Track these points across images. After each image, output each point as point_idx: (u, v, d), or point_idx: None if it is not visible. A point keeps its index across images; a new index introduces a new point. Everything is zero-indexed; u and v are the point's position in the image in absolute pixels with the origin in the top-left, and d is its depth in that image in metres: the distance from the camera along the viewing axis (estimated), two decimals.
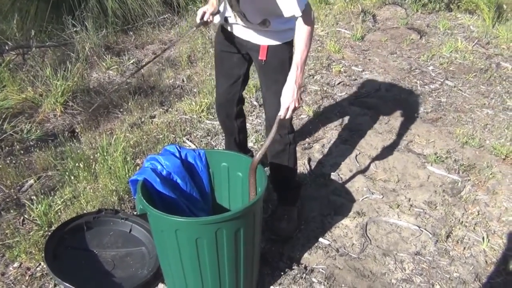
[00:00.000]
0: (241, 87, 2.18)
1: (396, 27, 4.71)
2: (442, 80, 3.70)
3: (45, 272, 1.98)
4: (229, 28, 2.03)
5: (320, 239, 2.20)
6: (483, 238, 2.23)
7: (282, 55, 1.93)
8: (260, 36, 1.93)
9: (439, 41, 4.36)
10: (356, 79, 3.70)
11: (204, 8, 2.04)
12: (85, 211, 2.24)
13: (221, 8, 2.02)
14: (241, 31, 1.98)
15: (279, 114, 1.77)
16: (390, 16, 4.98)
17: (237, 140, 2.36)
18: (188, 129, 3.03)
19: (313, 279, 1.99)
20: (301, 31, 1.74)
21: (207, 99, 3.29)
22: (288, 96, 1.75)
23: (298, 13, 1.68)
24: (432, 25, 4.76)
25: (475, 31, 4.58)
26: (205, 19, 2.03)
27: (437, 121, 3.15)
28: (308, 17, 1.73)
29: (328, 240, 2.20)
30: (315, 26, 4.61)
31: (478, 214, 2.38)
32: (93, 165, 2.53)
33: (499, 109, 3.28)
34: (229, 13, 1.95)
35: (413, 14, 5.02)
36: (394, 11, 5.08)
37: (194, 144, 2.89)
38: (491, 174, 2.63)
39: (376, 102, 3.35)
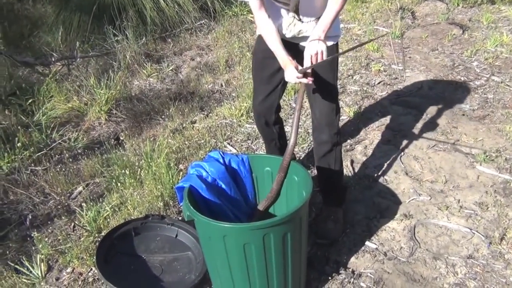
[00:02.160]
0: (280, 94, 2.17)
1: (436, 23, 4.57)
2: (488, 75, 3.56)
3: (97, 277, 2.03)
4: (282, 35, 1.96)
5: (367, 243, 2.16)
6: None
7: (330, 54, 1.90)
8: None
9: (482, 36, 4.20)
10: (396, 78, 3.62)
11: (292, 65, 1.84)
12: (132, 217, 2.29)
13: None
14: (294, 36, 1.96)
15: (314, 56, 1.77)
16: (430, 12, 4.84)
17: (278, 145, 2.34)
18: (229, 133, 3.05)
19: (362, 284, 1.95)
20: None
21: (246, 103, 3.30)
22: (316, 45, 1.77)
23: None
24: (475, 19, 4.59)
25: None
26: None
27: (484, 119, 3.03)
28: None
29: (375, 244, 2.16)
30: (352, 25, 4.54)
31: None
32: (138, 171, 2.59)
33: None
34: (285, 19, 1.93)
35: (454, 8, 4.86)
36: (433, 6, 4.93)
37: (235, 149, 2.90)
38: None
39: (419, 101, 3.26)
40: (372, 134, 2.95)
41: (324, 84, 1.96)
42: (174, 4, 4.64)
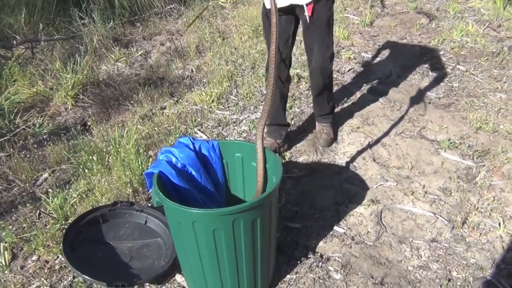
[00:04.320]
0: (291, 47, 2.49)
1: (405, 12, 4.64)
2: (453, 64, 3.65)
3: (64, 264, 2.00)
4: None
5: (335, 228, 2.20)
6: (499, 224, 2.21)
7: (326, 10, 2.27)
8: None
9: (449, 25, 4.30)
10: (366, 66, 3.66)
11: None
12: (100, 204, 2.26)
13: None
14: None
15: None
16: (399, 1, 4.91)
17: (282, 106, 2.66)
18: (199, 119, 3.03)
19: (330, 268, 1.99)
20: None
21: (217, 89, 3.28)
22: None
23: None
24: (442, 8, 4.69)
25: (486, 14, 4.51)
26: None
27: (449, 107, 3.12)
28: None
29: (343, 229, 2.20)
30: None
31: (494, 199, 2.36)
32: (106, 158, 2.55)
33: None
34: None
35: None
36: None
37: (206, 135, 2.88)
38: (506, 159, 2.60)
39: (387, 89, 3.32)
40: (342, 121, 2.99)
41: (321, 37, 2.37)
42: None
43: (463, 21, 4.33)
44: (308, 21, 2.29)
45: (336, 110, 3.08)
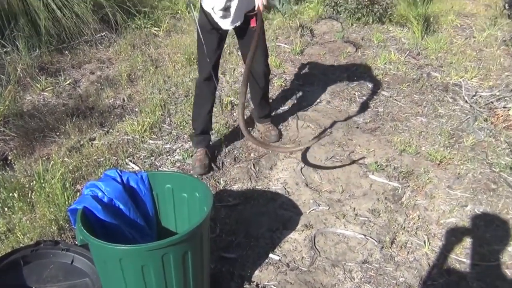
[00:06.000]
0: (220, 55, 2.75)
1: (333, 41, 4.86)
2: (378, 90, 3.86)
3: None
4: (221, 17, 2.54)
5: (270, 255, 2.21)
6: (424, 242, 2.32)
7: (261, 20, 2.48)
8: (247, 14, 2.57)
9: (373, 53, 4.56)
10: (297, 93, 3.77)
11: None
12: (21, 245, 2.11)
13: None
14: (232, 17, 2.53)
15: (259, 6, 2.45)
16: (327, 30, 5.14)
17: (211, 115, 2.87)
18: (131, 150, 2.95)
19: None
20: None
21: (149, 118, 3.22)
22: None
23: None
24: (367, 38, 4.97)
25: (406, 43, 4.83)
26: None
27: (375, 131, 3.27)
28: None
29: (278, 256, 2.21)
30: None
31: (419, 218, 2.49)
32: (29, 194, 2.40)
33: (432, 117, 3.46)
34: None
35: (349, 27, 5.22)
36: (330, 25, 5.25)
37: (138, 166, 2.81)
38: (428, 179, 2.76)
39: (317, 115, 3.43)
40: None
41: (262, 43, 2.71)
42: (72, 14, 4.42)
43: (386, 50, 4.61)
44: (254, 29, 2.57)
45: None
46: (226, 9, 2.48)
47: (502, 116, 3.40)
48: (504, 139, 3.17)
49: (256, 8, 2.49)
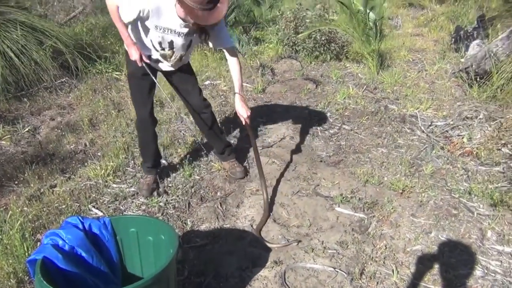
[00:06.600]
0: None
1: (293, 79, 5.01)
2: (339, 124, 3.96)
3: None
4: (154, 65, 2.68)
5: None
6: (392, 271, 2.34)
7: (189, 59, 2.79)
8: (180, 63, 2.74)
9: (333, 89, 4.71)
10: (261, 130, 3.83)
11: (137, 51, 2.48)
12: None
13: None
14: (165, 65, 2.69)
15: (245, 120, 2.69)
16: (287, 69, 5.30)
17: (157, 145, 2.96)
18: (94, 195, 2.89)
19: None
20: (234, 61, 2.64)
21: (113, 162, 3.18)
22: (243, 109, 2.64)
23: (232, 44, 2.67)
24: (326, 74, 5.14)
25: (363, 78, 5.03)
26: (145, 60, 2.52)
27: (339, 163, 3.34)
28: (235, 49, 2.72)
29: None
30: (218, 81, 4.75)
31: (386, 248, 2.52)
32: None
33: (392, 147, 3.57)
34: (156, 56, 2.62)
35: (308, 65, 5.40)
36: (290, 64, 5.42)
37: (102, 211, 2.74)
38: (392, 208, 2.82)
39: (282, 151, 3.48)
40: (240, 185, 3.04)
41: (194, 83, 2.88)
42: (31, 62, 4.39)
43: (345, 85, 4.78)
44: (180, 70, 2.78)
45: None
46: (156, 61, 2.64)
47: (457, 143, 3.55)
48: (460, 165, 3.29)
49: (244, 124, 2.74)
